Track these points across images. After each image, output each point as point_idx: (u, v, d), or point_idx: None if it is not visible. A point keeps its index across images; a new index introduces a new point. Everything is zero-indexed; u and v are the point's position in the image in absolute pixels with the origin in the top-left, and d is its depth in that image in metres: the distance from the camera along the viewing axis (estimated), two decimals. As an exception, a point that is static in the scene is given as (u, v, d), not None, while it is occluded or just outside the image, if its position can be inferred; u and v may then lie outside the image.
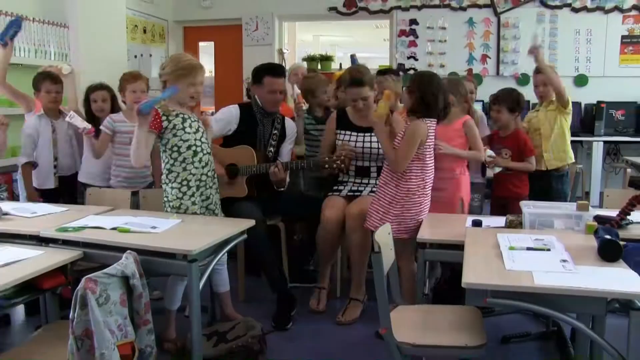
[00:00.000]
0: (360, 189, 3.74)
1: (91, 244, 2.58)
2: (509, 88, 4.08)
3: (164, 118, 3.00)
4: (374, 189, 3.67)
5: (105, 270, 2.17)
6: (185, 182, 3.07)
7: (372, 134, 3.62)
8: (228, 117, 3.85)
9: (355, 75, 3.64)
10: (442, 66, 7.00)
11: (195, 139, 3.09)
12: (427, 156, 3.15)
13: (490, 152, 3.83)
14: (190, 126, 3.09)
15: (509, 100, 3.91)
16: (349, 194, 3.72)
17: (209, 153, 3.18)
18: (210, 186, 3.18)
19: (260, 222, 3.45)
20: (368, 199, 3.57)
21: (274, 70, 3.93)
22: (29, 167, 3.79)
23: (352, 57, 4.14)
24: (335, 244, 3.72)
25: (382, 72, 4.28)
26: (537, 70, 4.17)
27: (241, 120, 3.87)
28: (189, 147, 3.07)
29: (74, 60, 4.90)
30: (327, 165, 3.55)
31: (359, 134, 3.72)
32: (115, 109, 3.96)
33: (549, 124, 4.08)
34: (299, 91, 4.27)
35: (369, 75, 3.66)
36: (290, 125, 4.04)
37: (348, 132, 3.75)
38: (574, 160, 4.21)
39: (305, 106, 4.49)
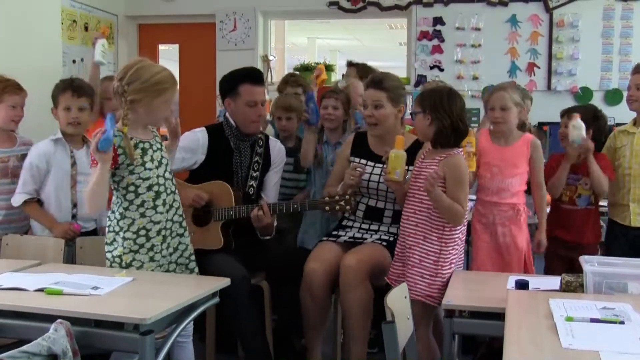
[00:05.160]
0: (365, 236, 3.75)
1: (6, 312, 2.55)
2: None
3: (120, 151, 3.01)
4: (384, 237, 3.68)
5: (24, 348, 2.13)
6: (143, 232, 3.07)
7: None
8: (193, 145, 3.85)
9: (377, 76, 3.78)
10: (475, 78, 7.06)
11: (157, 176, 3.10)
12: None
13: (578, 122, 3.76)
14: (152, 159, 3.10)
15: (587, 113, 3.91)
16: (348, 240, 3.72)
17: (174, 192, 3.20)
18: (179, 233, 3.20)
19: (241, 281, 3.44)
20: (372, 247, 3.59)
21: (253, 75, 3.95)
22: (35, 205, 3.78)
23: (308, 95, 4.26)
24: (324, 308, 3.71)
25: None
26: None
27: (210, 148, 3.89)
28: (149, 188, 3.07)
29: (-13, 64, 4.88)
30: (327, 207, 3.55)
31: (376, 165, 3.75)
32: None
33: None
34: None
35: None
36: (276, 148, 4.08)
37: (363, 161, 3.78)
38: None
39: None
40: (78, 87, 3.81)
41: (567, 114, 3.99)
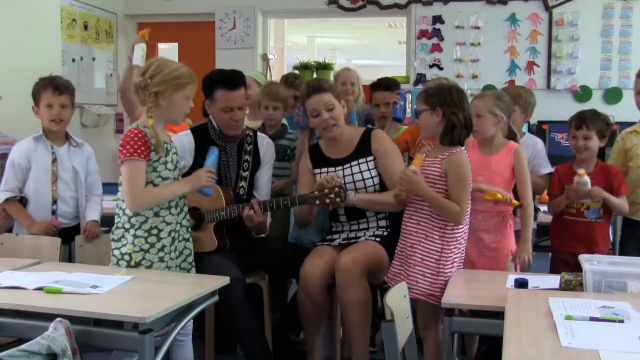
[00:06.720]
0: (359, 235, 3.76)
1: (5, 311, 2.55)
2: (589, 109, 3.91)
3: (151, 147, 3.05)
4: (377, 232, 3.72)
5: (23, 347, 2.13)
6: (155, 232, 3.09)
7: (352, 163, 3.75)
8: (179, 150, 3.83)
9: (313, 82, 3.85)
10: (474, 77, 7.07)
11: (173, 178, 3.16)
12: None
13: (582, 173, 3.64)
14: (172, 160, 3.15)
15: (599, 122, 3.78)
16: (342, 242, 3.75)
17: (184, 196, 3.24)
18: (185, 238, 3.25)
19: (235, 283, 3.43)
20: (366, 245, 3.60)
21: (229, 80, 3.89)
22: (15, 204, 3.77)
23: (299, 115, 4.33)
24: (322, 309, 3.71)
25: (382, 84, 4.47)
26: None
27: (197, 151, 3.86)
28: None
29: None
30: (317, 201, 3.54)
31: (337, 168, 3.78)
32: None
33: None
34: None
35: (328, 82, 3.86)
36: (265, 144, 4.07)
37: (325, 169, 3.80)
38: None
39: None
40: (59, 84, 3.82)
41: (581, 122, 3.78)
